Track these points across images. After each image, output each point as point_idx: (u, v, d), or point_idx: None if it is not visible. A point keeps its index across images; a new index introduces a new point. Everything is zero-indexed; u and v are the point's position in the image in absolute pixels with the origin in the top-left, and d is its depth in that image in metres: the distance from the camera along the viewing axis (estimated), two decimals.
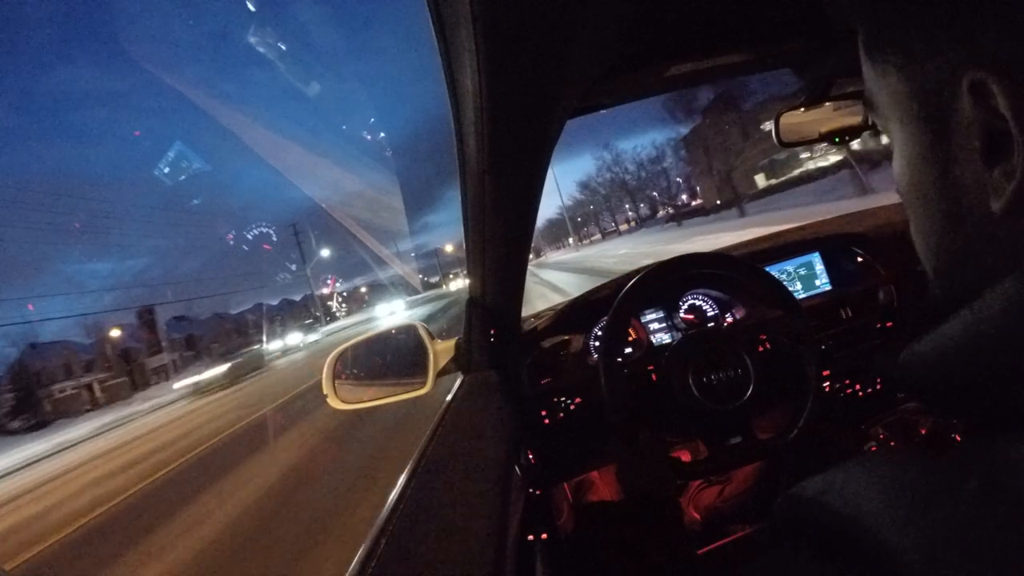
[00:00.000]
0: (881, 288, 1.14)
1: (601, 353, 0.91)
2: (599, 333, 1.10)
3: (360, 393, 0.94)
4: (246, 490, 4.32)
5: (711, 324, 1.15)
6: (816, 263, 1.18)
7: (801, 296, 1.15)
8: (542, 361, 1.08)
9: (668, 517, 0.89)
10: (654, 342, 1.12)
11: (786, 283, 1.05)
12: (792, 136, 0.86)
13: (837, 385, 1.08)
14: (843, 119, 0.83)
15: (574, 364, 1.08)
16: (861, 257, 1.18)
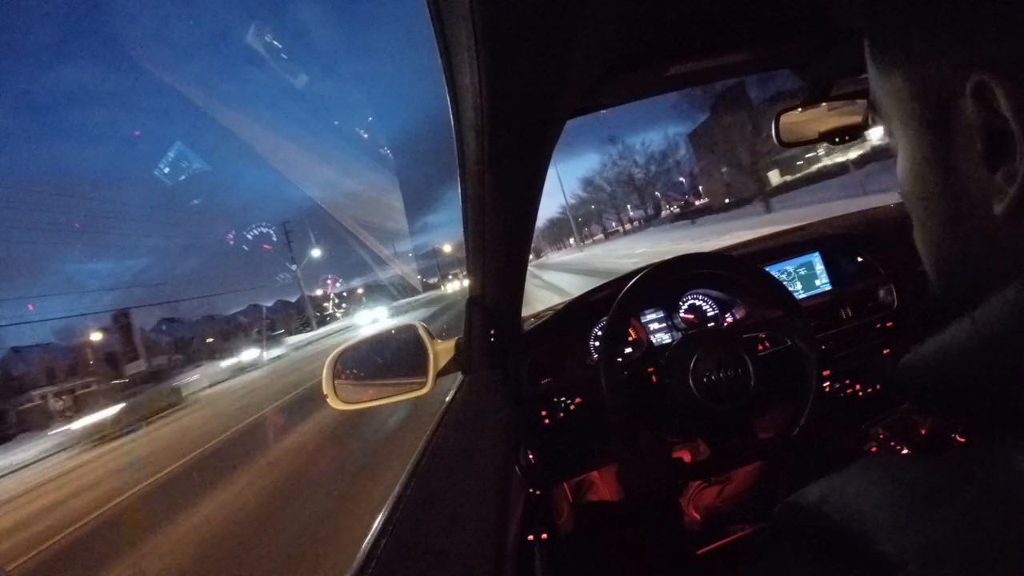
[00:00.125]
0: (881, 288, 1.14)
1: (601, 353, 0.91)
2: (599, 333, 1.10)
3: (360, 393, 0.94)
4: None
5: (711, 324, 1.15)
6: (816, 263, 1.18)
7: (801, 296, 1.15)
8: (542, 361, 1.08)
9: (668, 517, 0.90)
10: (654, 342, 1.12)
11: (786, 283, 1.05)
12: (792, 136, 0.86)
13: (837, 385, 1.08)
14: (843, 119, 0.83)
15: (574, 364, 1.08)
16: (861, 257, 1.18)
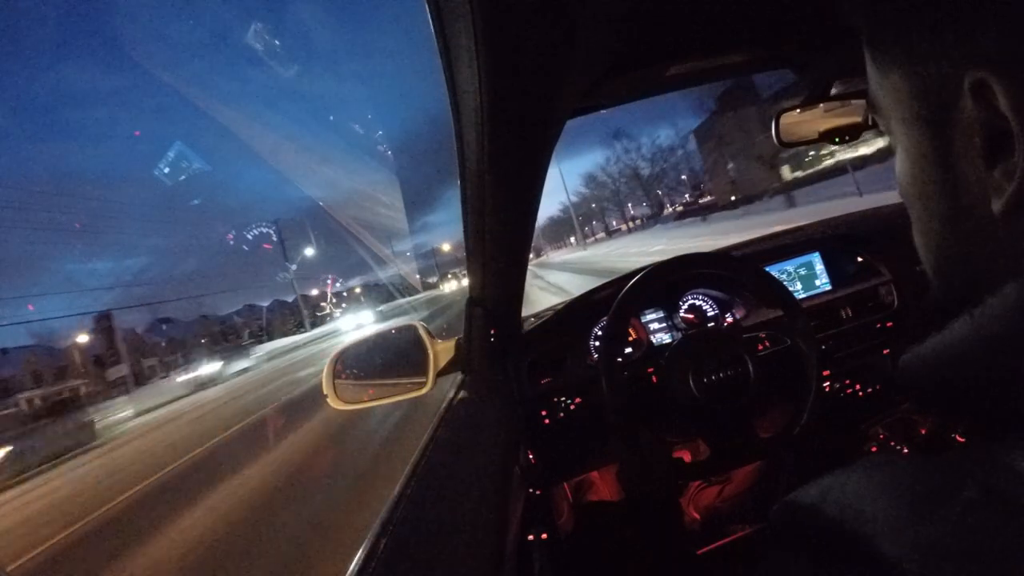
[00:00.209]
0: (881, 288, 1.14)
1: (601, 353, 0.91)
2: (599, 333, 1.10)
3: (360, 393, 0.94)
4: None
5: (711, 324, 1.15)
6: (816, 263, 1.18)
7: (801, 296, 1.15)
8: (542, 361, 1.08)
9: (668, 517, 0.90)
10: (654, 342, 1.12)
11: (786, 283, 1.05)
12: (791, 136, 0.86)
13: (837, 385, 1.08)
14: (843, 119, 0.83)
15: (574, 364, 1.08)
16: (861, 257, 1.18)
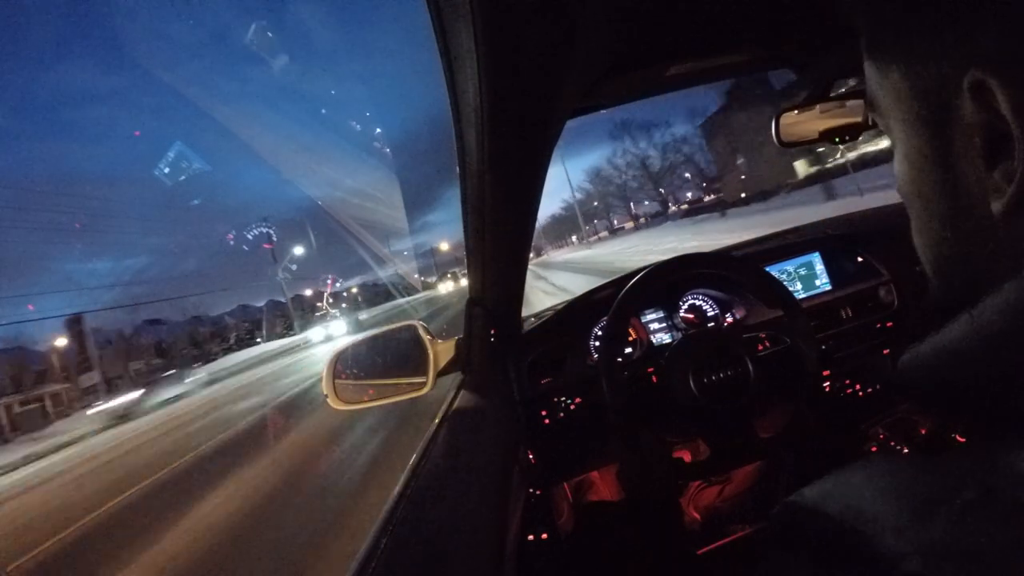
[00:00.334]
0: (881, 288, 1.14)
1: (601, 353, 0.91)
2: (599, 333, 1.10)
3: (360, 393, 0.94)
4: None
5: (711, 324, 1.15)
6: (816, 263, 1.18)
7: (801, 296, 1.15)
8: (542, 361, 1.08)
9: (668, 517, 0.90)
10: (654, 342, 1.12)
11: (786, 283, 1.05)
12: (791, 136, 0.86)
13: (837, 385, 1.08)
14: (843, 118, 0.83)
15: (574, 364, 1.08)
16: (861, 257, 1.18)
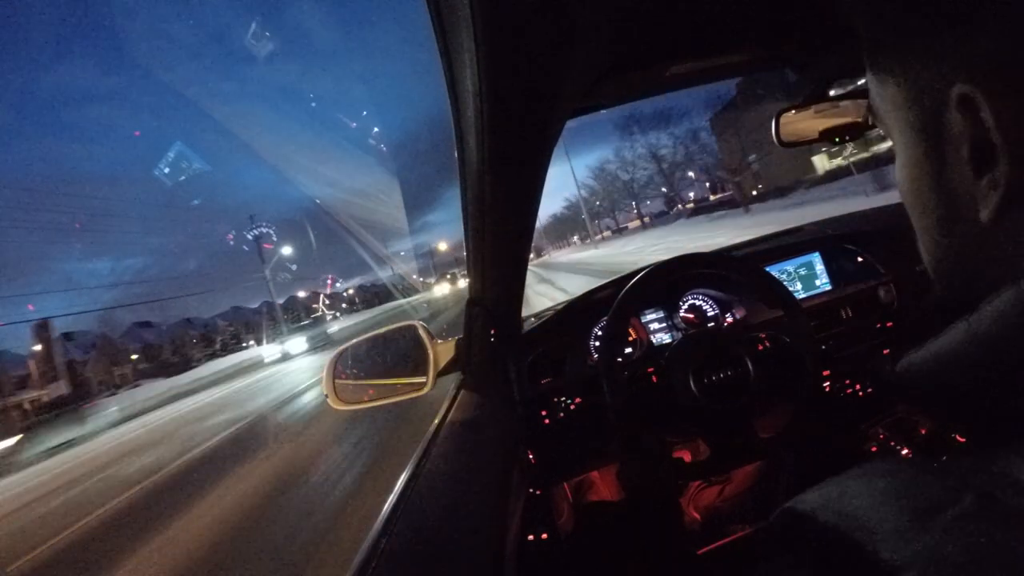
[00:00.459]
0: (881, 288, 1.14)
1: (601, 353, 0.91)
2: (599, 333, 1.10)
3: (360, 393, 0.94)
4: None
5: (711, 324, 1.15)
6: (816, 263, 1.18)
7: (801, 296, 1.15)
8: (542, 361, 1.08)
9: (668, 517, 0.90)
10: (654, 342, 1.12)
11: (786, 283, 1.05)
12: (791, 136, 0.86)
13: (837, 385, 1.08)
14: (843, 118, 0.83)
15: (574, 364, 1.08)
16: (861, 257, 1.18)
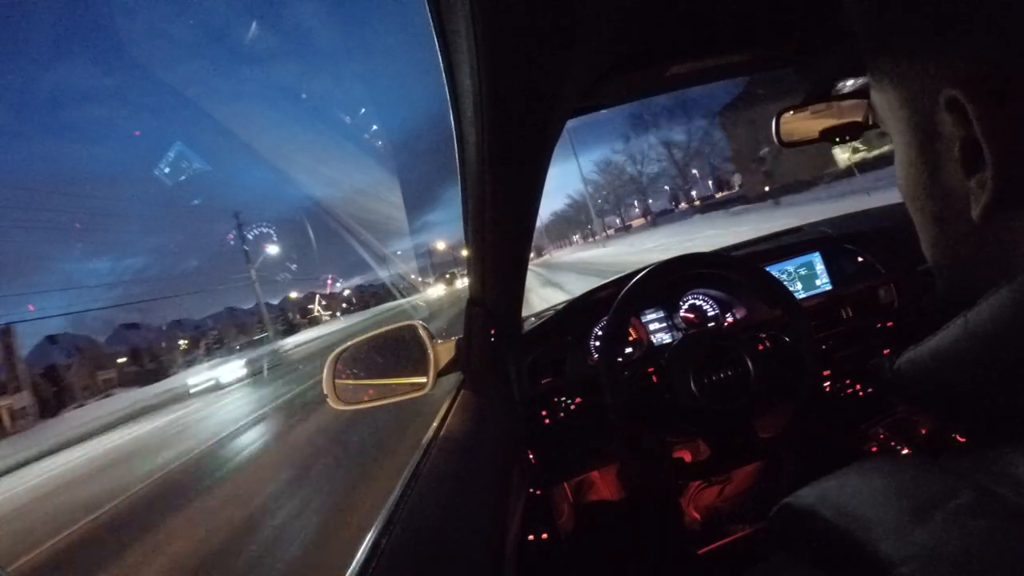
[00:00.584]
0: (881, 288, 1.14)
1: (601, 353, 0.91)
2: (599, 333, 1.10)
3: (360, 393, 0.94)
4: None
5: (711, 324, 1.15)
6: (816, 263, 1.18)
7: (801, 296, 1.15)
8: (542, 361, 1.08)
9: (668, 517, 0.89)
10: (654, 342, 1.12)
11: (786, 283, 1.05)
12: (792, 136, 0.86)
13: (837, 385, 1.08)
14: (843, 118, 0.83)
15: (574, 364, 1.08)
16: (861, 257, 1.18)
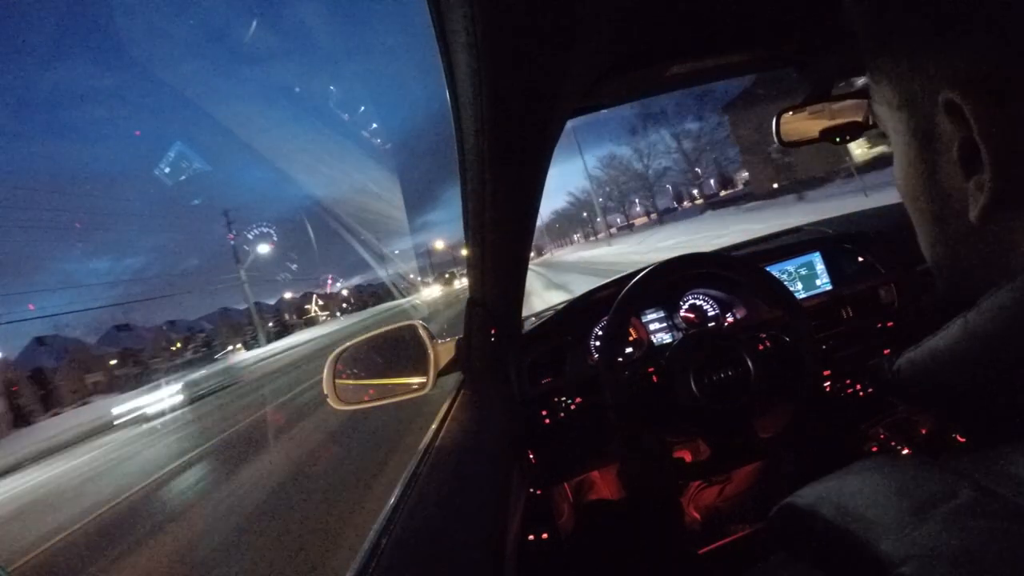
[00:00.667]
0: (881, 288, 1.14)
1: (601, 353, 0.91)
2: (599, 333, 1.10)
3: (360, 393, 0.94)
4: None
5: (712, 324, 1.15)
6: (817, 263, 1.18)
7: (802, 296, 1.15)
8: (542, 361, 1.08)
9: (668, 517, 0.89)
10: (655, 342, 1.12)
11: (787, 283, 1.04)
12: (792, 136, 0.86)
13: (837, 385, 1.08)
14: (843, 118, 0.83)
15: (574, 364, 1.08)
16: (861, 257, 1.18)
